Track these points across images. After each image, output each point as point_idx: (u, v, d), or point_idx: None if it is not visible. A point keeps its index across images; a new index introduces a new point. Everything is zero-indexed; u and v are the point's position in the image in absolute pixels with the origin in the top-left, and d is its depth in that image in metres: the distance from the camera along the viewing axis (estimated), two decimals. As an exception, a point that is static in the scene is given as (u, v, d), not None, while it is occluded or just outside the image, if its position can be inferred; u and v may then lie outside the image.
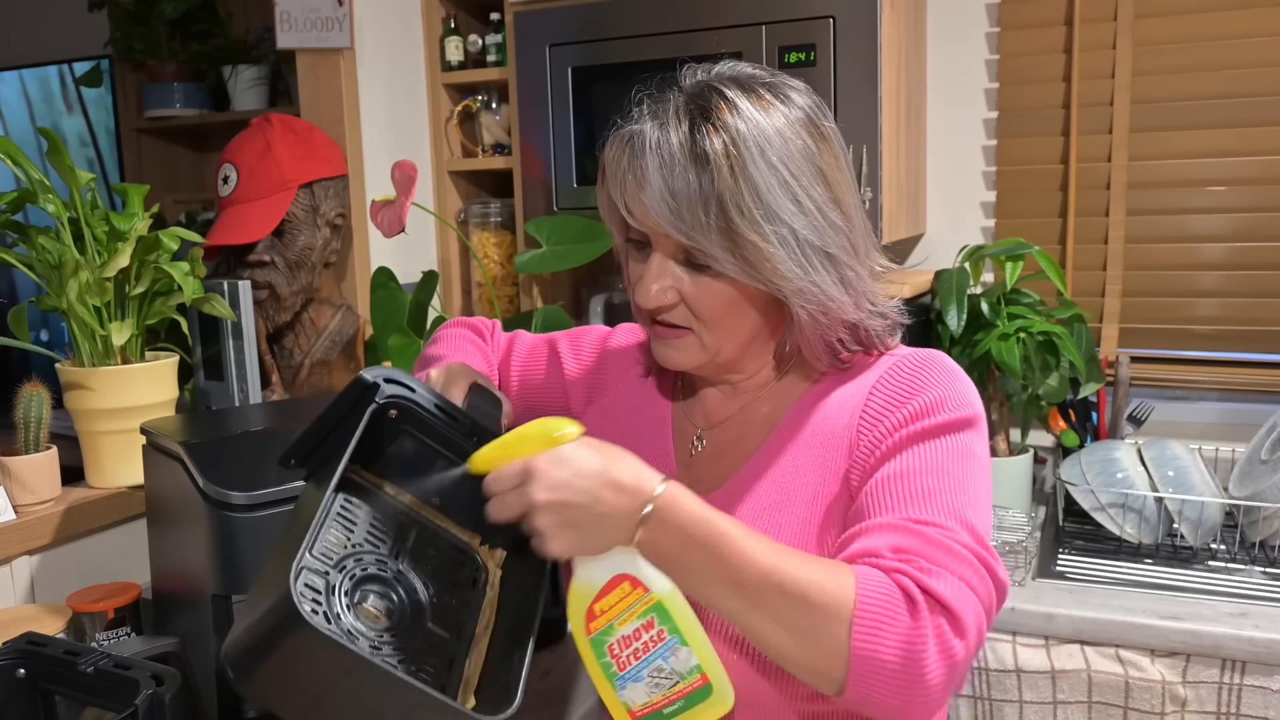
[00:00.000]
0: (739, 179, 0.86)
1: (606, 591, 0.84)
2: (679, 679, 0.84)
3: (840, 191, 0.91)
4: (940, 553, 0.80)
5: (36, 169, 1.36)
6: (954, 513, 0.83)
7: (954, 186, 2.15)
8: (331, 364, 1.81)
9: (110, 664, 0.90)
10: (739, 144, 0.86)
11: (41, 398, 1.38)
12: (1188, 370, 2.00)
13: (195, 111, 2.84)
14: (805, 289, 0.89)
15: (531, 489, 0.80)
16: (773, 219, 0.86)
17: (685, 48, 1.82)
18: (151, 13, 2.77)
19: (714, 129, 0.87)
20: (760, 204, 0.86)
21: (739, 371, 1.00)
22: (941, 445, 0.88)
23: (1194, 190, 1.97)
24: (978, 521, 0.84)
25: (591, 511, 0.79)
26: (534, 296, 2.11)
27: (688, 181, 0.86)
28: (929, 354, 0.96)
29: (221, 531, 1.09)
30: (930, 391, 0.91)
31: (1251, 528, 1.64)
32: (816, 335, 0.93)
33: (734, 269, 0.88)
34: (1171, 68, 1.95)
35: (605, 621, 0.84)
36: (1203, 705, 1.43)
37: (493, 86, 2.16)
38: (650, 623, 0.83)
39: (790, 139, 0.88)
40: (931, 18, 2.10)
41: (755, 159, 0.86)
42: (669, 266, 0.91)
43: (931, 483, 0.85)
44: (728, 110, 0.87)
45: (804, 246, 0.88)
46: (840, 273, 0.91)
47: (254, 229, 1.68)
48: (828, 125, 0.93)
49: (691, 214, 0.86)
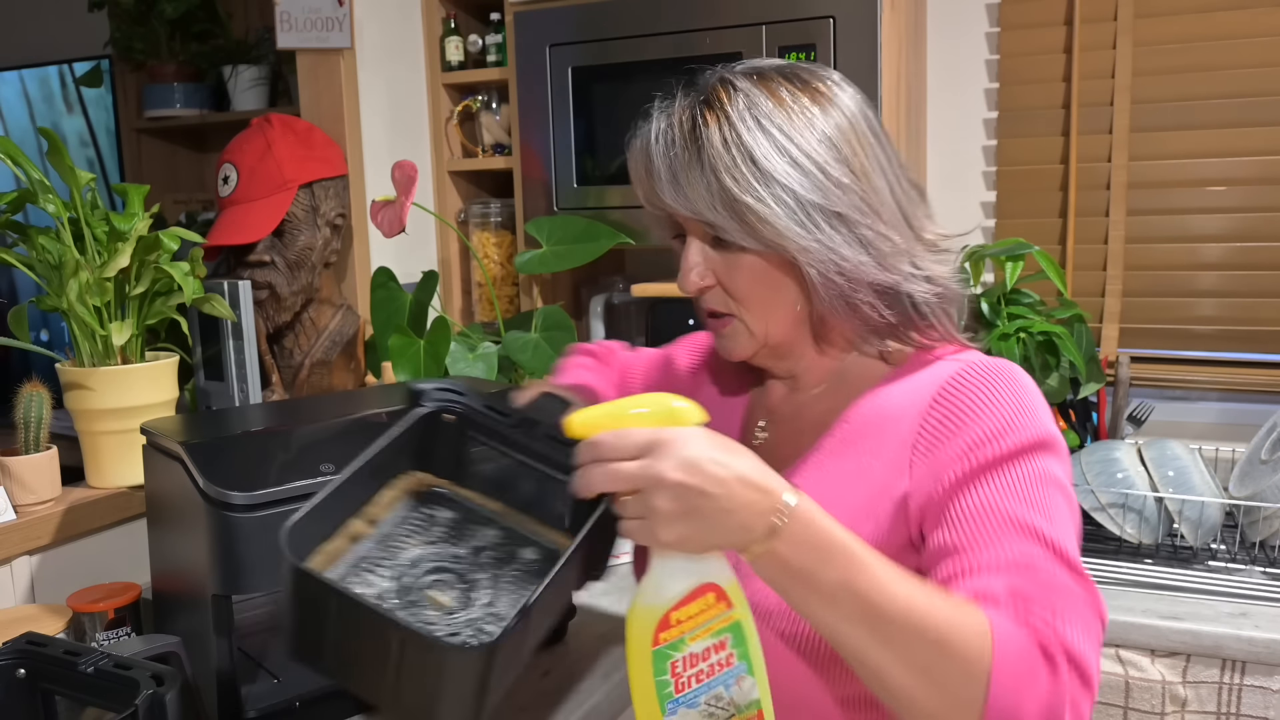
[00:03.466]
0: (731, 146, 0.88)
1: (689, 600, 0.74)
2: (735, 711, 0.74)
3: (855, 155, 0.90)
4: (1058, 597, 0.77)
5: (36, 169, 1.36)
6: (1050, 544, 0.80)
7: (954, 186, 2.15)
8: (331, 364, 1.81)
9: (110, 664, 0.90)
10: (733, 115, 0.88)
11: (41, 398, 1.38)
12: (1188, 370, 2.00)
13: (195, 111, 2.84)
14: (809, 247, 0.88)
15: (661, 464, 0.71)
16: (768, 181, 0.87)
17: (685, 48, 1.82)
18: (151, 13, 2.77)
19: (710, 108, 0.90)
20: (755, 168, 0.87)
21: (794, 358, 0.98)
22: (1019, 470, 0.84)
23: (1194, 190, 1.97)
24: (1072, 550, 0.81)
25: (722, 505, 0.71)
26: (534, 296, 2.11)
27: (685, 159, 0.89)
28: (997, 365, 0.90)
29: (221, 531, 1.09)
30: (997, 411, 0.86)
31: (1251, 528, 1.64)
32: (836, 297, 0.90)
33: (742, 236, 0.89)
34: (1171, 68, 1.95)
35: (679, 633, 0.74)
36: (1203, 705, 1.43)
37: (493, 86, 2.16)
38: (723, 643, 0.75)
39: (790, 105, 0.89)
40: (931, 17, 2.10)
41: (749, 126, 0.88)
42: (702, 251, 0.93)
43: (1019, 512, 0.81)
44: (726, 92, 0.90)
45: (805, 206, 0.87)
46: (855, 232, 0.89)
47: (254, 229, 1.68)
48: (845, 95, 0.92)
49: (693, 189, 0.89)
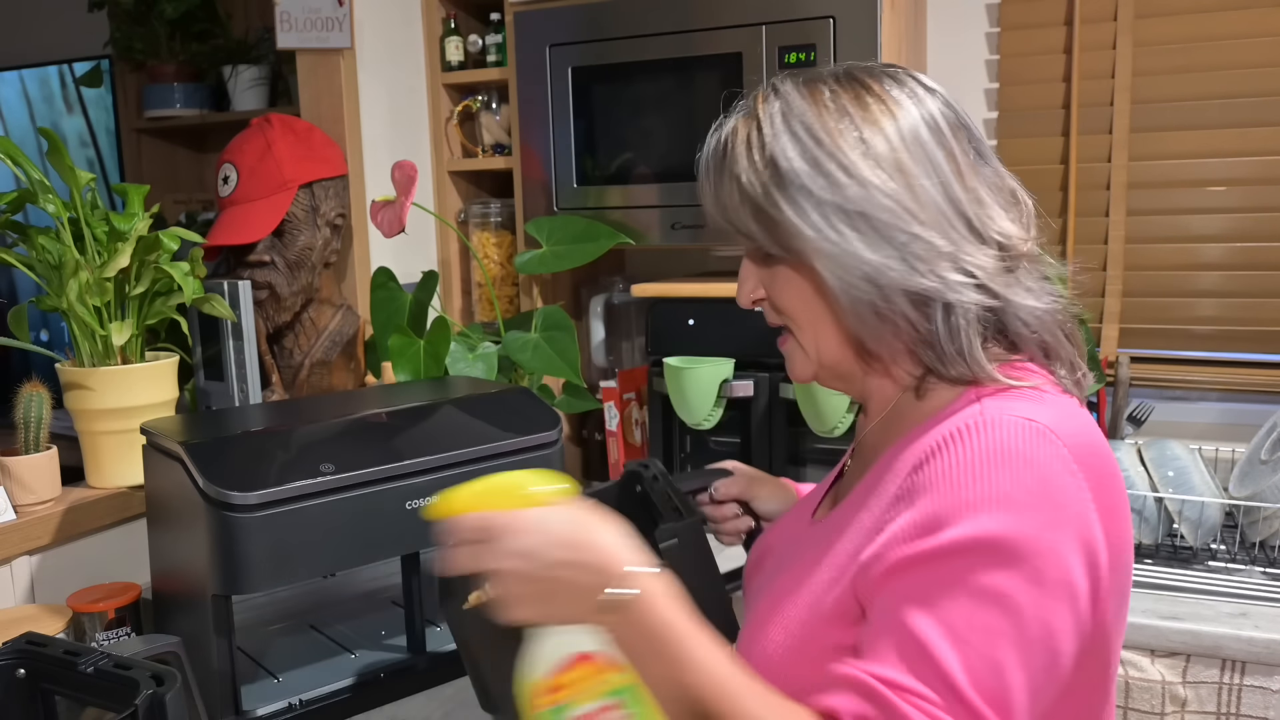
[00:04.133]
0: (754, 150, 0.85)
1: (571, 666, 0.76)
2: None
3: (893, 152, 0.83)
4: None
5: (36, 169, 1.36)
6: (946, 681, 0.68)
7: (954, 186, 2.14)
8: (331, 364, 1.81)
9: (110, 664, 0.89)
10: (763, 120, 0.86)
11: (41, 398, 1.38)
12: (1188, 370, 2.00)
13: (195, 111, 2.84)
14: (826, 251, 0.82)
15: (487, 551, 0.74)
16: (784, 184, 0.83)
17: (685, 48, 1.82)
18: (151, 13, 2.77)
19: (747, 116, 0.88)
20: (775, 171, 0.83)
21: (853, 382, 0.91)
22: (949, 580, 0.71)
23: (1194, 190, 1.97)
24: (979, 688, 0.68)
25: (548, 588, 0.73)
26: (534, 296, 2.11)
27: (720, 170, 0.87)
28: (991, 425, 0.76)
29: (221, 531, 1.09)
30: (953, 495, 0.74)
31: (1251, 528, 1.64)
32: (864, 307, 0.82)
33: (770, 244, 0.86)
34: (1171, 68, 1.95)
35: (564, 697, 0.76)
36: (1203, 705, 1.43)
37: (493, 86, 2.16)
38: (618, 704, 0.75)
39: (826, 104, 0.85)
40: (931, 18, 2.10)
41: (776, 131, 0.85)
42: (749, 266, 0.91)
43: (930, 639, 0.69)
44: (765, 98, 0.88)
45: (822, 206, 0.82)
46: (882, 234, 0.81)
47: (254, 229, 1.68)
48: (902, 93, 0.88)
49: (728, 199, 0.87)
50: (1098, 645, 0.79)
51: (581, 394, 1.81)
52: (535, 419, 1.34)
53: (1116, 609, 0.80)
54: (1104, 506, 0.76)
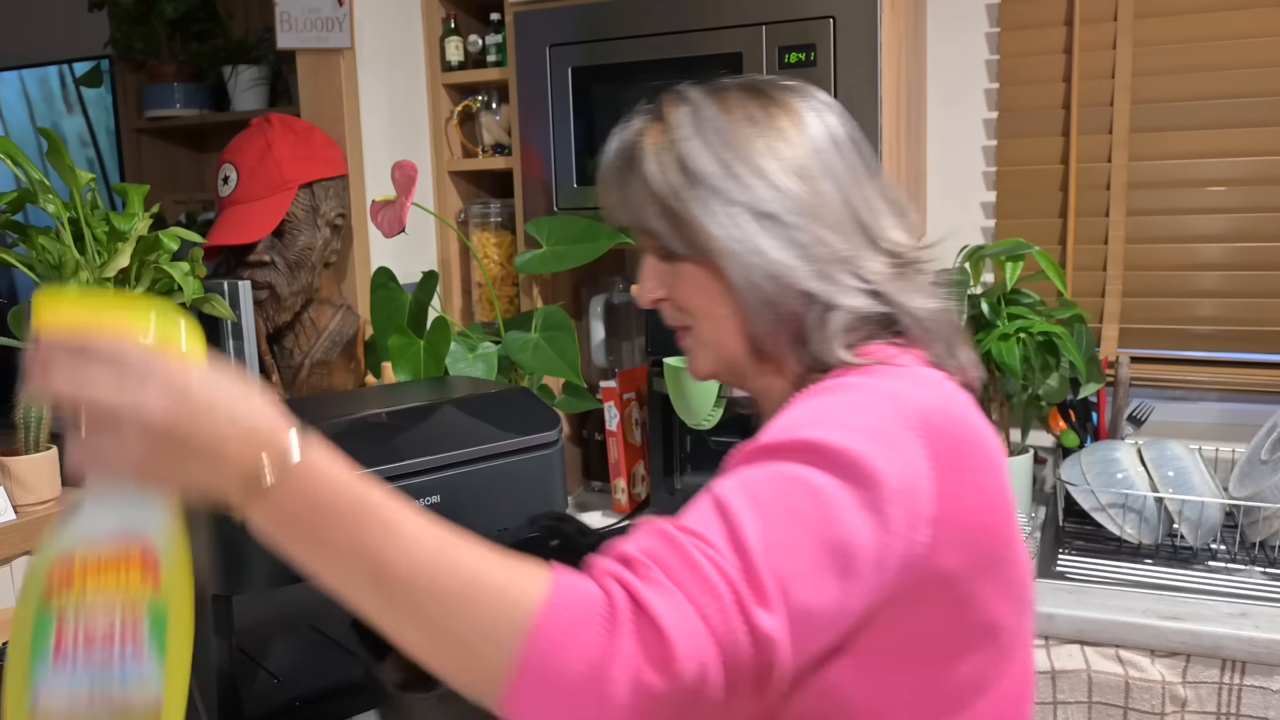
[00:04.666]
0: (663, 151, 0.89)
1: (108, 558, 0.62)
2: (127, 700, 0.61)
3: (797, 158, 0.87)
4: (683, 567, 0.64)
5: (36, 169, 1.36)
6: (736, 538, 0.66)
7: (954, 186, 2.15)
8: (331, 364, 1.81)
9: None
10: (672, 123, 0.89)
11: (41, 398, 1.38)
12: (1188, 370, 2.00)
13: (195, 111, 2.84)
14: (733, 249, 0.85)
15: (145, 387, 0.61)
16: (695, 183, 0.87)
17: (685, 48, 1.82)
18: (151, 13, 2.77)
19: (655, 119, 0.91)
20: (684, 171, 0.87)
21: (749, 379, 0.94)
22: (769, 467, 0.72)
23: (1194, 190, 1.97)
24: (769, 556, 0.66)
25: (205, 443, 0.62)
26: (534, 296, 2.11)
27: (627, 170, 0.91)
28: (867, 372, 0.82)
29: (221, 531, 1.09)
30: (797, 410, 0.78)
31: (1251, 528, 1.64)
32: (763, 305, 0.86)
33: (676, 242, 0.89)
34: (1171, 68, 1.95)
35: (80, 592, 0.62)
36: (1203, 705, 1.43)
37: (493, 86, 2.16)
38: (137, 622, 0.62)
39: (735, 110, 0.89)
40: (931, 18, 2.10)
41: (686, 134, 0.88)
42: (652, 264, 0.94)
43: (733, 502, 0.69)
44: (673, 103, 0.91)
45: (731, 206, 0.86)
46: (787, 234, 0.85)
47: (254, 229, 1.68)
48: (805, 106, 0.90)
49: (632, 198, 0.90)
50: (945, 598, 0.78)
51: (581, 394, 1.81)
52: (535, 419, 1.34)
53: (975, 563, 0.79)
54: (949, 468, 0.77)
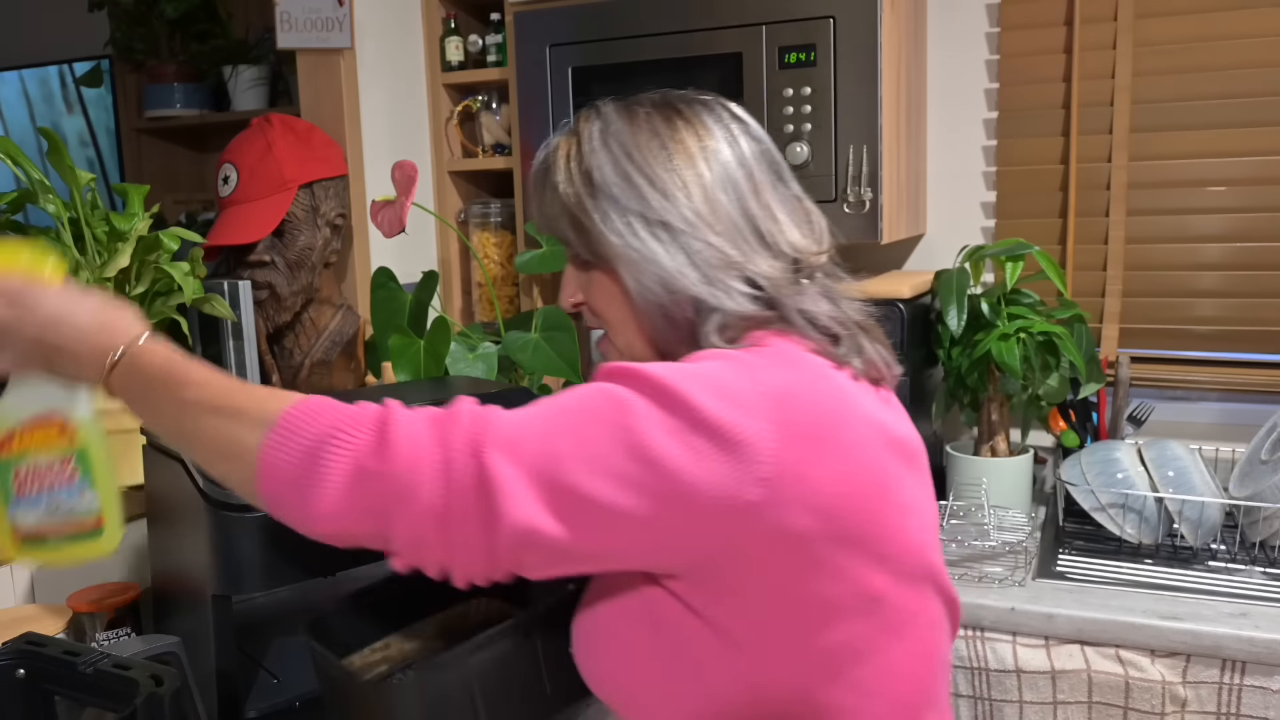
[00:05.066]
0: (571, 162, 0.94)
1: (35, 425, 0.90)
2: (76, 516, 0.91)
3: (696, 169, 0.91)
4: (448, 413, 0.80)
5: (36, 169, 1.36)
6: (518, 413, 0.80)
7: (954, 186, 2.15)
8: (331, 364, 1.81)
9: (110, 664, 0.89)
10: (582, 136, 0.94)
11: (41, 398, 1.38)
12: (1188, 370, 2.00)
13: (195, 111, 2.84)
14: (628, 256, 0.90)
15: None
16: (595, 193, 0.92)
17: (685, 48, 1.82)
18: (151, 13, 2.77)
19: (568, 134, 0.96)
20: (588, 181, 0.92)
21: None
22: (595, 384, 0.83)
23: (1194, 190, 1.97)
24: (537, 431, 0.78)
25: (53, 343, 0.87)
26: (534, 296, 2.11)
27: (542, 181, 0.96)
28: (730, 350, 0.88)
29: (221, 531, 1.09)
30: None
31: (1251, 528, 1.64)
32: (655, 309, 0.91)
33: (582, 250, 0.94)
34: (1171, 68, 1.95)
35: (22, 450, 0.91)
36: (1203, 705, 1.43)
37: (493, 86, 2.16)
38: (68, 461, 0.90)
39: (641, 123, 0.94)
40: (932, 18, 2.10)
41: (594, 146, 0.93)
42: (570, 271, 0.99)
43: (542, 400, 0.83)
44: (587, 118, 0.96)
45: (627, 214, 0.91)
46: (679, 241, 0.90)
47: (254, 229, 1.68)
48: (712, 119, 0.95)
49: (547, 207, 0.96)
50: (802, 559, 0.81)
51: (581, 394, 1.81)
52: (535, 419, 1.34)
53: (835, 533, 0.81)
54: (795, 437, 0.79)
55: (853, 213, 1.76)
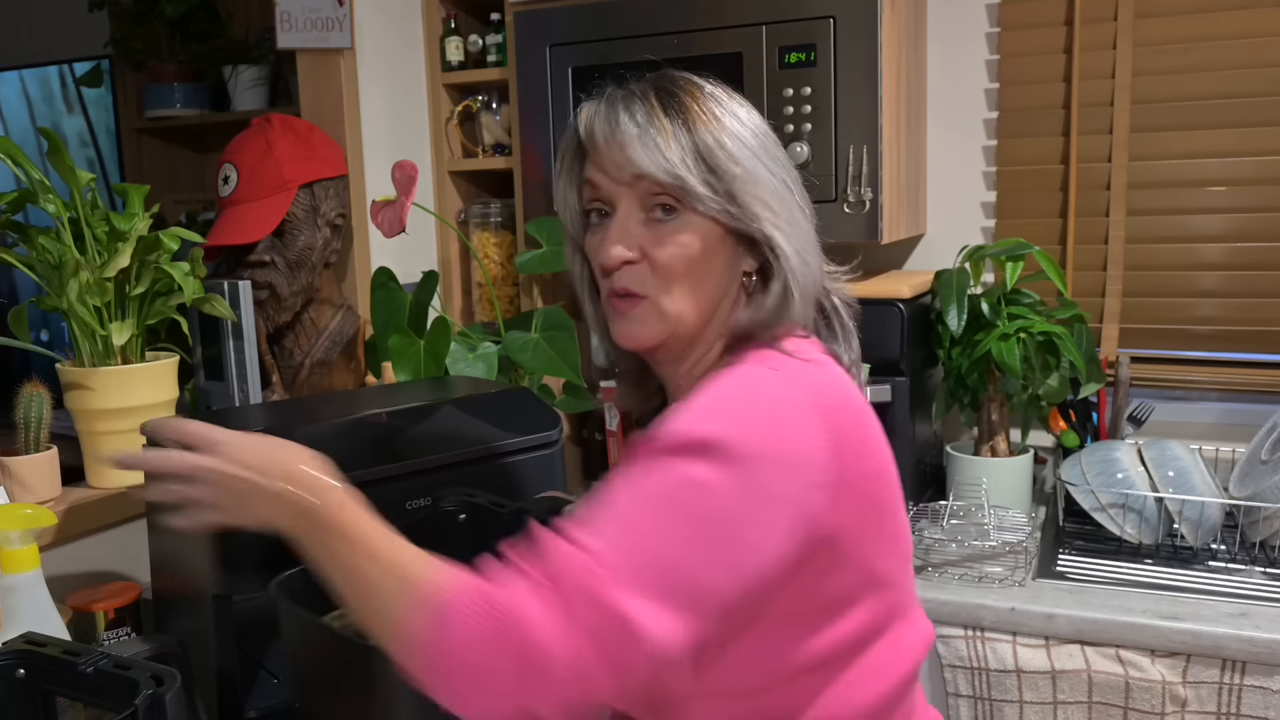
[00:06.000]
0: (720, 117, 0.90)
1: None
2: None
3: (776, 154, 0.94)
4: (562, 571, 0.74)
5: (37, 169, 1.36)
6: (609, 532, 0.75)
7: (954, 186, 2.15)
8: (332, 364, 1.81)
9: (110, 664, 0.90)
10: (707, 97, 0.91)
11: (42, 398, 1.38)
12: (1188, 370, 2.00)
13: (195, 111, 2.84)
14: (791, 221, 0.91)
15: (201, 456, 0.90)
16: (749, 159, 0.89)
17: (685, 48, 1.82)
18: (151, 13, 2.77)
19: (685, 87, 0.92)
20: (739, 139, 0.90)
21: (694, 349, 0.94)
22: (661, 467, 0.78)
23: (1194, 190, 1.97)
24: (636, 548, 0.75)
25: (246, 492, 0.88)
26: (534, 296, 2.11)
27: (666, 123, 0.89)
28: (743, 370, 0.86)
29: (221, 532, 1.09)
30: (691, 405, 0.82)
31: (1251, 528, 1.64)
32: (807, 282, 0.91)
33: (717, 206, 0.88)
34: (1171, 68, 1.95)
35: None
36: (1203, 705, 1.43)
37: (493, 86, 2.16)
38: None
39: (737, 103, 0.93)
40: (931, 18, 2.10)
41: (723, 117, 0.90)
42: (631, 224, 0.90)
43: (625, 503, 0.77)
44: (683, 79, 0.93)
45: (790, 187, 0.92)
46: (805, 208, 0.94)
47: (254, 229, 1.67)
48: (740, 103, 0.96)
49: (669, 150, 0.88)
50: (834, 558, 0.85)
51: (581, 394, 1.81)
52: (535, 419, 1.34)
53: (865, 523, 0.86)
54: (842, 440, 0.83)
55: (853, 213, 1.76)
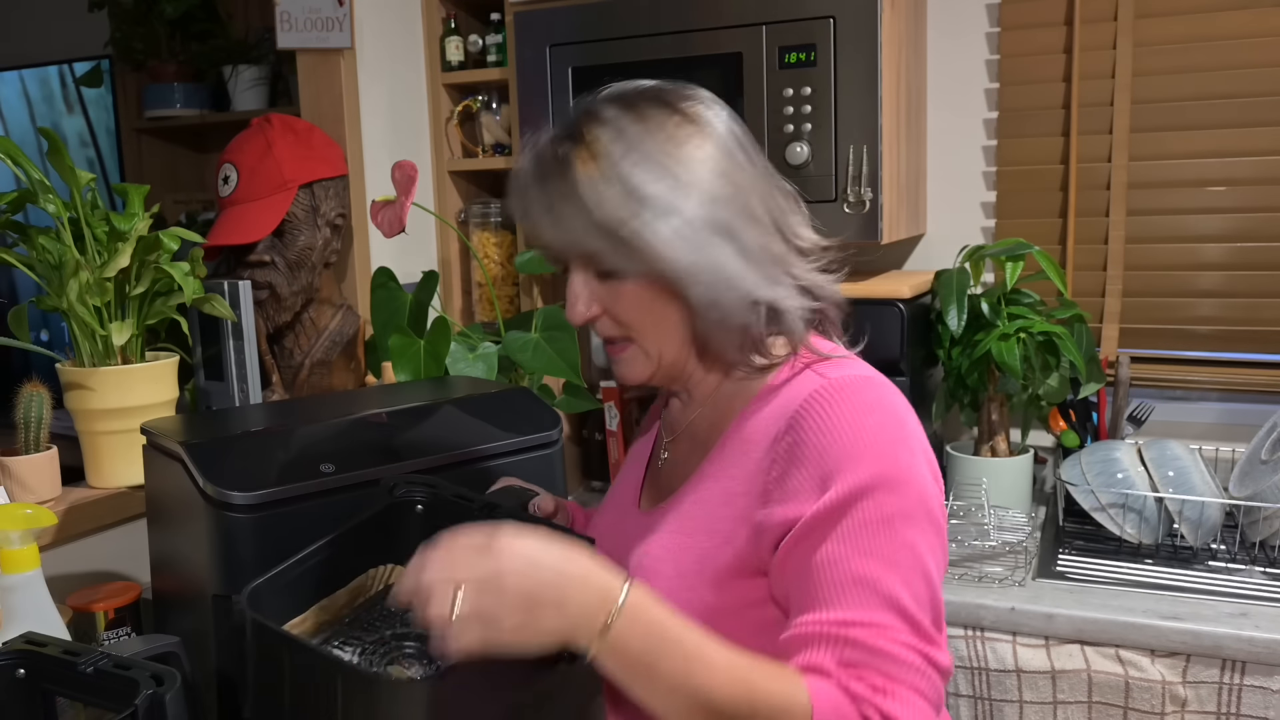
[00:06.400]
0: (606, 177, 0.88)
1: None
2: None
3: (727, 169, 0.90)
4: (888, 663, 0.78)
5: (37, 169, 1.36)
6: (887, 600, 0.80)
7: (954, 186, 2.15)
8: (332, 364, 1.81)
9: (110, 664, 0.89)
10: (604, 144, 0.88)
11: (42, 398, 1.38)
12: (1188, 370, 2.00)
13: (195, 111, 2.84)
14: (693, 266, 0.87)
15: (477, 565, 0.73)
16: (644, 204, 0.87)
17: (685, 48, 1.82)
18: (151, 13, 2.77)
19: (578, 141, 0.90)
20: (630, 193, 0.87)
21: (684, 378, 0.99)
22: (857, 518, 0.82)
23: (1194, 190, 1.97)
24: (911, 598, 0.81)
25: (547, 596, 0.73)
26: (534, 296, 2.11)
27: (561, 192, 0.89)
28: (851, 384, 0.89)
29: (221, 531, 1.09)
30: (836, 449, 0.85)
31: (1251, 528, 1.64)
32: (720, 316, 0.90)
33: (624, 262, 0.89)
34: (1171, 68, 1.95)
35: None
36: (1203, 705, 1.43)
37: (493, 86, 2.16)
38: None
39: (659, 126, 0.89)
40: (932, 18, 2.10)
41: (621, 153, 0.88)
42: (586, 282, 0.93)
43: (857, 568, 0.81)
44: (593, 122, 0.90)
45: (691, 222, 0.87)
46: (738, 242, 0.88)
47: (254, 229, 1.67)
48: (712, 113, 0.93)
49: (570, 221, 0.89)
50: None
51: (581, 394, 1.81)
52: (535, 419, 1.34)
53: None
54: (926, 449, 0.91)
55: (853, 213, 1.76)
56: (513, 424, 1.31)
